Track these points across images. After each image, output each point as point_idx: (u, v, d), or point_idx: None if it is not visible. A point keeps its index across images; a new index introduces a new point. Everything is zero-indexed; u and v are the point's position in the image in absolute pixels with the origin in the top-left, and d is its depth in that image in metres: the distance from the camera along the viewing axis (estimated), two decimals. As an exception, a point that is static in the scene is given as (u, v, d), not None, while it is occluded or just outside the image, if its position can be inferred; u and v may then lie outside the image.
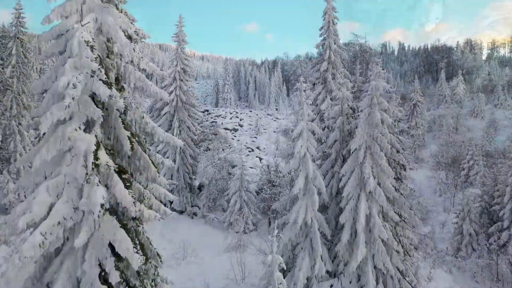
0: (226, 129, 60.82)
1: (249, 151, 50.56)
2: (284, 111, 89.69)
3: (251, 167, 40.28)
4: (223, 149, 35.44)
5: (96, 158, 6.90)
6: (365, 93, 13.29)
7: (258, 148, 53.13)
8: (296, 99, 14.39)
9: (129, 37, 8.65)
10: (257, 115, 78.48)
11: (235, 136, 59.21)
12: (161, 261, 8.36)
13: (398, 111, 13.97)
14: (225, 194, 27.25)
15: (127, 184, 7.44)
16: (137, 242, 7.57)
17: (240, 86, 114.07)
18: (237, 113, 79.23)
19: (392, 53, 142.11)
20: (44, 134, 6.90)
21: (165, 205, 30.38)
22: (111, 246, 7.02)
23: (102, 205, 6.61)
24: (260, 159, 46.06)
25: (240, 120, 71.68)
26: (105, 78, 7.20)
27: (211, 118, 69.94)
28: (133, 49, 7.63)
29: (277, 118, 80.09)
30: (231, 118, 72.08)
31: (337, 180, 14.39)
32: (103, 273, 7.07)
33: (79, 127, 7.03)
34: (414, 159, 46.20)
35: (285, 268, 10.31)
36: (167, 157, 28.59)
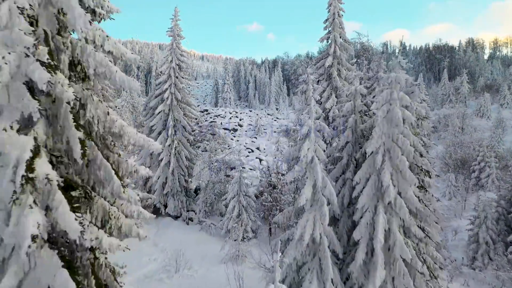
0: (225, 129, 58.95)
1: (249, 152, 48.80)
2: (285, 111, 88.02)
3: (251, 169, 38.54)
4: (221, 150, 33.51)
5: (30, 169, 4.97)
6: (382, 87, 11.35)
7: (258, 148, 51.32)
8: (298, 97, 12.55)
9: (93, 11, 6.75)
10: (257, 115, 76.68)
11: (234, 137, 57.39)
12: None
13: (421, 107, 12.05)
14: (223, 199, 25.39)
15: (76, 204, 5.51)
16: (93, 281, 5.66)
17: (240, 86, 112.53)
18: (236, 113, 77.41)
19: (393, 52, 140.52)
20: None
21: (159, 209, 28.09)
22: (52, 292, 5.11)
23: (34, 237, 4.69)
24: (260, 160, 44.27)
25: (240, 120, 69.81)
26: (48, 60, 5.28)
27: (210, 118, 68.15)
28: (89, 22, 5.67)
29: (277, 118, 78.42)
30: (230, 118, 70.24)
31: (349, 188, 12.45)
32: (41, 329, 5.14)
33: (10, 126, 5.11)
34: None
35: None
36: (161, 159, 26.73)
